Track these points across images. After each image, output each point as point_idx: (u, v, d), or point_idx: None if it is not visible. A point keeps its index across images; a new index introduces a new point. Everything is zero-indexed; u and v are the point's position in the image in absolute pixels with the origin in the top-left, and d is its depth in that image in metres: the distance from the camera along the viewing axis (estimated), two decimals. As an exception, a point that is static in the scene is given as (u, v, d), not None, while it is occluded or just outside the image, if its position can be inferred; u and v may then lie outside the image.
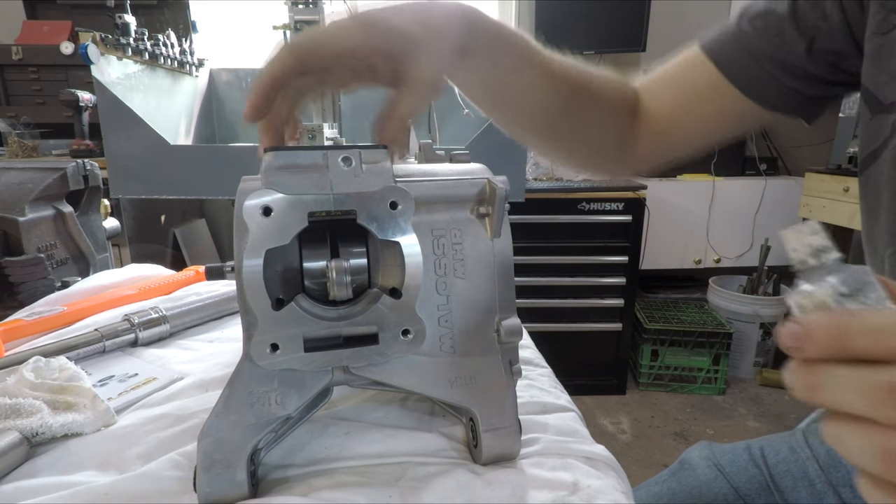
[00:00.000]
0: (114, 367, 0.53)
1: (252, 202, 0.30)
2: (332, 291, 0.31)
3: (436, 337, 0.35)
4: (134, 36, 1.57)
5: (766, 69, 0.51)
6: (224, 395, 0.33)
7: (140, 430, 0.42)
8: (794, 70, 0.50)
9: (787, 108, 0.53)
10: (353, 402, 0.45)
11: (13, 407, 0.40)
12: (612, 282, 1.98)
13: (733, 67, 0.52)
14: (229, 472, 0.33)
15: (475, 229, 0.36)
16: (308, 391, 0.34)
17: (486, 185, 0.36)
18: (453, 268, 0.36)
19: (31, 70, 2.12)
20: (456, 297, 0.36)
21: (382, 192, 0.32)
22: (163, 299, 0.68)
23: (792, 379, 0.21)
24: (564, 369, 0.61)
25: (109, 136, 1.37)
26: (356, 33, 0.38)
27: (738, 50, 0.52)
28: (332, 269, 0.31)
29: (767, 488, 0.57)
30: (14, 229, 0.70)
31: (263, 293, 0.30)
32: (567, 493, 0.35)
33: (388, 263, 0.34)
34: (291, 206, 0.31)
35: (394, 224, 0.32)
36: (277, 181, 0.31)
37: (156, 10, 2.21)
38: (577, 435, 0.43)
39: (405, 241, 0.32)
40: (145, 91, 1.57)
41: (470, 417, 0.38)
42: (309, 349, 0.32)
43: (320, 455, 0.39)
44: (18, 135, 1.87)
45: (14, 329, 0.57)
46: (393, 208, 0.32)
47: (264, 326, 0.31)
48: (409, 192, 0.32)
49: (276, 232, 0.30)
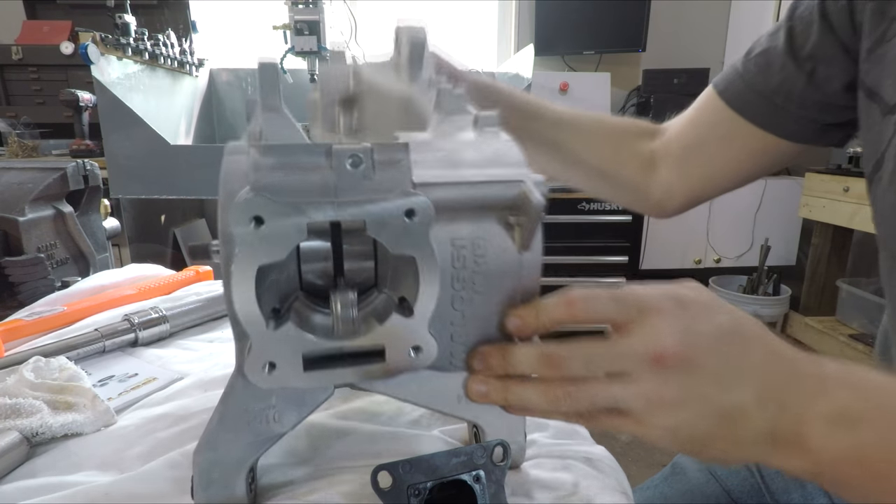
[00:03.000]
0: (114, 367, 0.53)
1: (239, 210, 0.25)
2: (336, 326, 0.27)
3: (447, 352, 0.33)
4: (134, 36, 1.56)
5: (774, 103, 0.52)
6: (218, 411, 0.31)
7: (140, 430, 0.42)
8: (803, 101, 0.51)
9: (807, 138, 0.53)
10: (352, 402, 0.45)
11: (13, 407, 0.40)
12: (613, 281, 1.98)
13: (744, 105, 0.54)
14: (228, 489, 0.32)
15: (502, 240, 0.31)
16: (308, 407, 0.32)
17: (520, 192, 0.30)
18: (472, 282, 0.31)
19: (31, 70, 2.12)
20: (473, 313, 0.32)
21: (397, 200, 0.27)
22: (163, 299, 0.68)
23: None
24: (565, 369, 0.61)
25: (109, 136, 1.37)
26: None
27: (745, 88, 0.53)
28: (337, 301, 0.27)
29: (759, 490, 0.57)
30: (14, 229, 0.70)
31: (256, 312, 0.27)
32: (567, 494, 0.35)
33: (399, 272, 0.30)
34: (287, 216, 0.26)
35: (409, 236, 0.27)
36: (270, 185, 0.26)
37: (156, 10, 2.21)
38: (576, 436, 0.43)
39: (421, 256, 0.28)
40: (145, 91, 1.57)
41: (474, 424, 0.37)
42: (309, 368, 0.29)
43: (320, 456, 0.39)
44: (18, 135, 1.87)
45: (14, 329, 0.57)
46: (409, 218, 0.27)
47: (259, 345, 0.27)
48: (428, 201, 0.27)
49: (269, 246, 0.26)
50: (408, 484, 0.31)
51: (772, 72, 0.51)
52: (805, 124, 0.52)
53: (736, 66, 0.55)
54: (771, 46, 0.52)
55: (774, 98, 0.52)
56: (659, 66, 2.43)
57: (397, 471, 0.31)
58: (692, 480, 0.60)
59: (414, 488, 0.31)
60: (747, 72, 0.53)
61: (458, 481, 0.32)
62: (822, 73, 0.49)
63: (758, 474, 0.58)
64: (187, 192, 1.42)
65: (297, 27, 1.40)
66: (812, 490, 0.54)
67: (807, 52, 0.49)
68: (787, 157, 0.56)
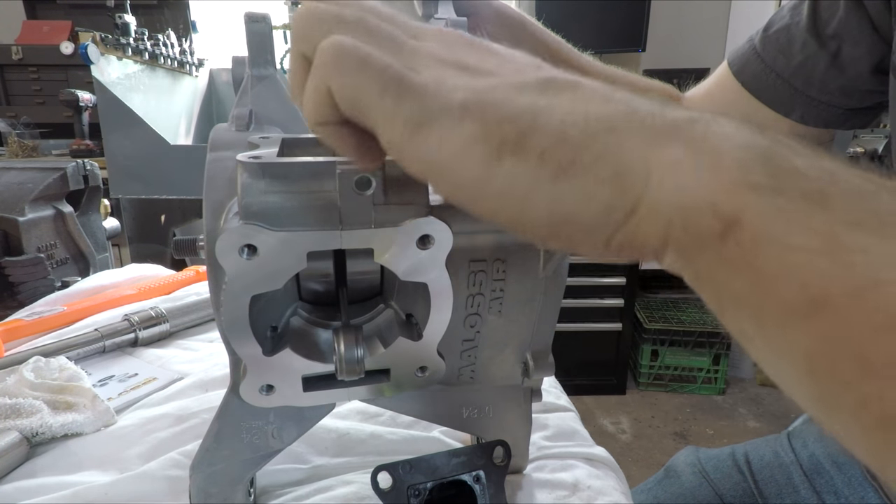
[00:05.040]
0: (114, 367, 0.53)
1: (228, 239, 0.22)
2: (339, 369, 0.25)
3: (455, 368, 0.31)
4: (134, 36, 1.57)
5: (793, 86, 0.49)
6: (214, 428, 0.30)
7: (140, 430, 0.42)
8: (825, 84, 0.48)
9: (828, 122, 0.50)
10: (352, 403, 0.45)
11: (13, 407, 0.40)
12: (612, 281, 1.98)
13: (761, 87, 0.51)
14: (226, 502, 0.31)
15: (524, 261, 0.28)
16: (308, 422, 0.31)
17: None
18: (489, 305, 0.29)
19: (31, 70, 2.12)
20: (486, 334, 0.30)
21: (410, 225, 0.23)
22: (163, 299, 0.68)
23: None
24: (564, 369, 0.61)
25: (109, 136, 1.37)
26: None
27: (763, 69, 0.50)
28: (341, 342, 0.25)
29: (752, 494, 0.57)
30: (14, 229, 0.70)
31: (251, 340, 0.24)
32: (567, 494, 0.35)
33: (408, 290, 0.27)
34: (285, 245, 0.22)
35: (422, 264, 0.24)
36: (263, 212, 0.22)
37: (156, 10, 2.21)
38: (577, 436, 0.43)
39: (435, 285, 0.25)
40: (145, 91, 1.57)
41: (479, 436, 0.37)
42: (309, 388, 0.26)
43: (320, 456, 0.39)
44: (18, 135, 1.87)
45: (14, 329, 0.57)
46: (422, 246, 0.24)
47: (255, 369, 0.25)
48: (446, 228, 0.24)
49: (263, 276, 0.23)
50: (408, 484, 0.31)
51: (792, 51, 0.48)
52: (826, 109, 0.49)
53: (753, 43, 0.51)
54: (793, 23, 0.48)
55: (794, 81, 0.48)
56: (659, 66, 2.43)
57: (397, 471, 0.31)
58: (685, 484, 0.60)
59: (414, 488, 0.31)
60: (766, 50, 0.50)
61: (458, 482, 0.32)
62: (847, 54, 0.45)
63: (750, 478, 0.58)
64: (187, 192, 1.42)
65: (297, 27, 1.40)
66: (806, 494, 0.54)
67: (832, 29, 0.45)
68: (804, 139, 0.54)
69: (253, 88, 0.33)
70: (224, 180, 0.26)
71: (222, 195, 0.25)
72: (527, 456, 0.38)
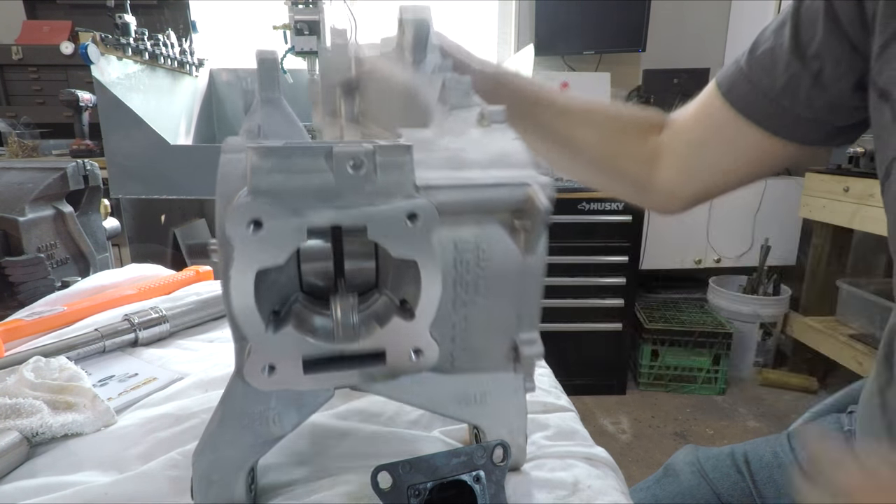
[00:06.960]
0: (114, 367, 0.53)
1: (237, 214, 0.25)
2: (336, 332, 0.27)
3: (447, 353, 0.32)
4: (134, 36, 1.57)
5: (781, 105, 0.50)
6: (218, 413, 0.31)
7: (140, 430, 0.42)
8: (811, 102, 0.48)
9: (817, 140, 0.51)
10: (352, 402, 0.45)
11: (13, 407, 0.40)
12: (612, 282, 1.98)
13: (750, 107, 0.52)
14: (227, 491, 0.32)
15: (506, 244, 0.31)
16: (308, 409, 0.32)
17: (526, 196, 0.29)
18: (475, 285, 0.31)
19: (31, 70, 2.12)
20: (475, 316, 0.32)
21: (399, 204, 0.27)
22: (163, 299, 0.68)
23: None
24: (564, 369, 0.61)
25: (109, 136, 1.38)
26: None
27: (750, 90, 0.51)
28: (338, 306, 0.27)
29: (750, 494, 0.57)
30: (14, 229, 0.70)
31: (255, 315, 0.26)
32: (567, 494, 0.35)
33: (401, 273, 0.29)
34: (287, 220, 0.25)
35: (411, 240, 0.27)
36: (269, 189, 0.26)
37: (156, 10, 2.21)
38: (576, 435, 0.43)
39: (423, 260, 0.27)
40: (145, 91, 1.57)
41: (475, 425, 0.37)
42: (309, 370, 0.28)
43: (320, 456, 0.39)
44: (18, 135, 1.87)
45: (14, 329, 0.57)
46: (411, 221, 0.27)
47: (258, 347, 0.27)
48: (431, 205, 0.27)
49: (267, 249, 0.26)
50: (408, 484, 0.31)
51: (777, 72, 0.49)
52: (814, 127, 0.50)
53: (740, 64, 0.53)
54: (776, 45, 0.49)
55: (781, 100, 0.49)
56: (659, 66, 2.43)
57: (397, 471, 0.31)
58: (684, 483, 0.60)
59: (414, 489, 0.31)
60: (752, 71, 0.51)
61: (458, 481, 0.32)
62: (829, 74, 0.47)
63: (749, 478, 0.58)
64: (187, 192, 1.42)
65: (297, 27, 1.40)
66: None
67: (813, 50, 0.47)
68: (795, 158, 0.54)
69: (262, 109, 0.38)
70: (235, 177, 0.28)
71: (232, 189, 0.27)
72: (524, 451, 0.38)
